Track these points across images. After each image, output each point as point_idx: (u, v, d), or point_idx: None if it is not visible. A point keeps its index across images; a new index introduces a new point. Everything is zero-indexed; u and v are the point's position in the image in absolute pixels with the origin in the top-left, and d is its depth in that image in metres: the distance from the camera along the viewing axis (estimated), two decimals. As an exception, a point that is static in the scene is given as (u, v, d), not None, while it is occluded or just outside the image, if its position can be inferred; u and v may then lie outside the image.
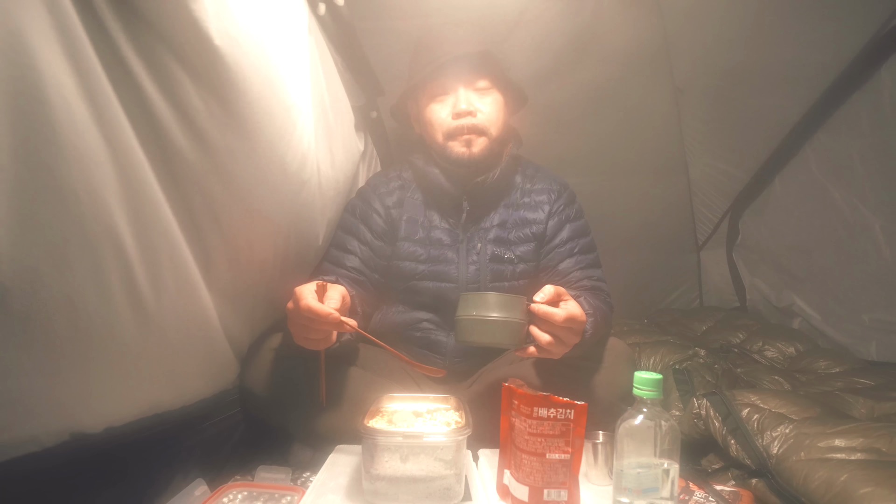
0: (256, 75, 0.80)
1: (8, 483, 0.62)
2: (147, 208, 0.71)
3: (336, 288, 0.94)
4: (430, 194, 1.25)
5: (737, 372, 1.45)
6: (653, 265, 2.37)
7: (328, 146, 1.12)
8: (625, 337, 1.54)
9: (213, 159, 0.79)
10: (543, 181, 1.30)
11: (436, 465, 0.79)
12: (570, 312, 0.90)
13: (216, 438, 1.01)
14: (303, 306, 0.86)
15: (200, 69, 0.71)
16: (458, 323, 0.94)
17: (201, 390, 0.95)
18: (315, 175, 1.04)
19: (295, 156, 0.95)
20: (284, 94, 0.90)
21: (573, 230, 1.25)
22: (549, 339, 0.91)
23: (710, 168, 2.14)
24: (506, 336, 0.91)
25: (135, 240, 0.69)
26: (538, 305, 0.90)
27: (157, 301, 0.75)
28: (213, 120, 0.76)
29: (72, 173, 0.60)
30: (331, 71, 1.19)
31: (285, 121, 0.90)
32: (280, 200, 0.96)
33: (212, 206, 0.83)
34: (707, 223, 2.31)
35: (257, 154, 0.86)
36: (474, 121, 1.18)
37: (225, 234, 0.87)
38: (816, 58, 1.54)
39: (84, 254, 0.63)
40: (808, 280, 1.82)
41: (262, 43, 0.82)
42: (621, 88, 1.91)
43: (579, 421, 0.75)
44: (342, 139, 1.23)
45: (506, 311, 0.91)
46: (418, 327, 1.22)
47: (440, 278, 1.20)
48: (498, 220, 1.24)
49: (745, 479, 0.98)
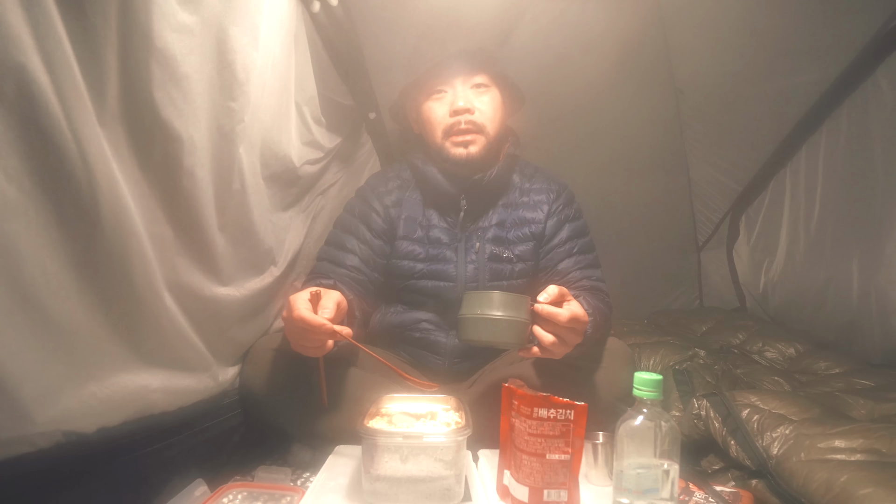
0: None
1: (1, 484, 0.62)
2: (117, 212, 0.71)
3: (330, 295, 0.93)
4: (428, 193, 1.25)
5: (737, 373, 1.45)
6: (653, 266, 2.36)
7: (283, 138, 1.12)
8: (625, 337, 1.54)
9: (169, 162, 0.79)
10: (542, 181, 1.30)
11: (436, 466, 0.79)
12: (573, 313, 0.90)
13: (216, 439, 1.01)
14: (295, 317, 0.85)
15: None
16: (462, 321, 0.94)
17: (193, 393, 0.94)
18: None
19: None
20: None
21: (572, 230, 1.26)
22: (553, 339, 0.90)
23: (710, 168, 2.13)
24: (509, 335, 0.91)
25: (105, 242, 0.69)
26: (542, 305, 0.90)
27: (130, 307, 0.75)
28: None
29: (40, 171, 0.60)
30: (316, 63, 1.18)
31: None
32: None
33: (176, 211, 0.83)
34: (707, 224, 2.31)
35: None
36: (472, 118, 1.18)
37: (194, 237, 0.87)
38: (817, 58, 1.53)
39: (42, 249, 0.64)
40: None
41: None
42: (621, 89, 1.91)
43: (579, 421, 0.75)
44: (313, 131, 1.22)
45: (510, 311, 0.90)
46: (417, 327, 1.22)
47: (439, 277, 1.21)
48: (496, 219, 1.24)
49: (745, 480, 0.98)
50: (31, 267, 0.62)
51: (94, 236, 0.68)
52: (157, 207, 0.80)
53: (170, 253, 0.83)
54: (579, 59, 1.76)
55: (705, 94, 1.90)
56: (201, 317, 0.92)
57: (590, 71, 1.81)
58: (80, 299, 0.68)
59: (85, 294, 0.69)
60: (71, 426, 0.69)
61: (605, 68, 1.82)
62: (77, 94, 0.62)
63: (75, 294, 0.68)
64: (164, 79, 0.74)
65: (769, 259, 1.98)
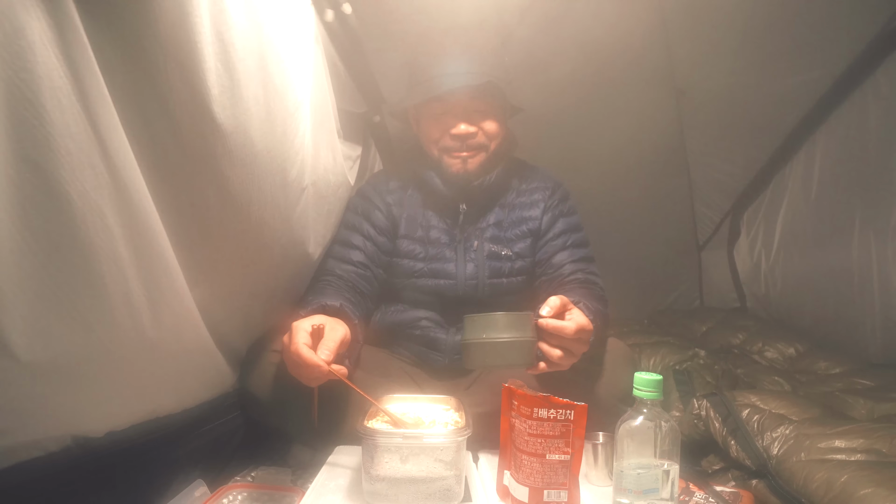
0: (254, 78, 0.79)
1: (12, 488, 0.62)
2: (140, 214, 0.70)
3: (335, 332, 0.88)
4: (427, 195, 1.26)
5: (737, 373, 1.45)
6: (653, 266, 2.36)
7: (330, 152, 1.12)
8: (625, 337, 1.54)
9: (209, 164, 0.77)
10: (538, 180, 1.30)
11: (436, 466, 0.79)
12: (579, 324, 0.89)
13: (217, 440, 1.01)
14: (293, 351, 0.83)
15: (193, 73, 0.70)
16: (467, 348, 0.91)
17: (199, 394, 0.95)
18: (312, 182, 1.02)
19: (294, 163, 0.93)
20: (286, 98, 0.88)
21: (566, 224, 1.26)
22: (560, 353, 0.89)
23: (710, 169, 2.13)
24: (516, 357, 0.89)
25: (127, 243, 0.69)
26: (547, 320, 0.88)
27: (150, 307, 0.74)
28: (210, 125, 0.74)
29: (64, 176, 0.59)
30: (334, 76, 1.18)
31: (286, 126, 0.89)
32: (277, 207, 0.94)
33: (205, 213, 0.81)
34: (708, 224, 2.31)
35: (256, 161, 0.84)
36: (474, 140, 1.18)
37: (216, 240, 0.85)
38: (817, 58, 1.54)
39: (78, 257, 0.63)
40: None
41: (262, 45, 0.81)
42: (622, 89, 1.91)
43: (579, 422, 0.75)
44: (342, 144, 1.23)
45: (515, 332, 0.88)
46: (418, 325, 1.23)
47: (439, 275, 1.21)
48: (494, 219, 1.25)
49: (745, 480, 0.98)
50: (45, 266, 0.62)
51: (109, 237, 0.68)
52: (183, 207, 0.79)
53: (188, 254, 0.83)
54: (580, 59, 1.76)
55: (706, 94, 1.90)
56: (218, 317, 0.92)
57: (591, 71, 1.81)
58: (98, 298, 0.68)
59: (103, 294, 0.69)
60: (81, 430, 0.70)
61: (606, 69, 1.82)
62: (102, 100, 0.62)
63: (89, 292, 0.67)
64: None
65: (769, 258, 1.98)
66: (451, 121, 1.18)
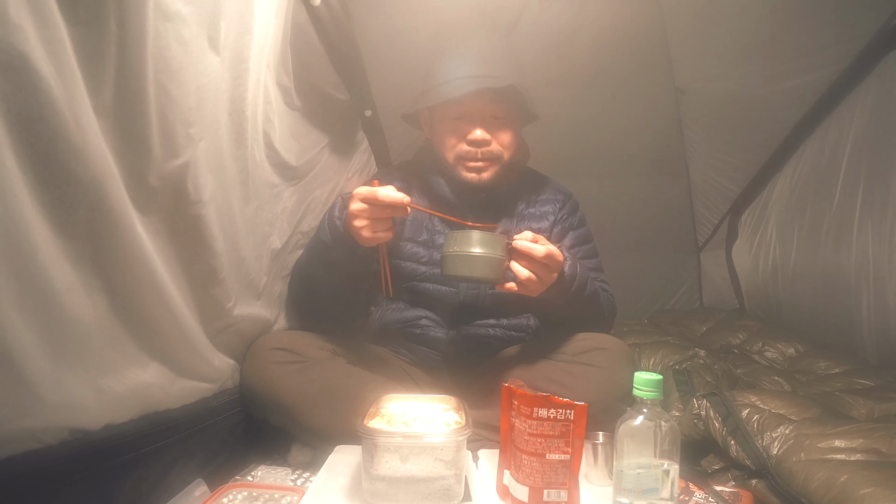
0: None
1: (8, 480, 0.62)
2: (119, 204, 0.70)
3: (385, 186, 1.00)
4: (433, 201, 1.25)
5: (737, 372, 1.45)
6: (653, 266, 2.37)
7: (290, 132, 1.13)
8: (625, 337, 1.54)
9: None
10: (549, 192, 1.31)
11: (436, 466, 0.79)
12: (549, 249, 0.98)
13: (216, 439, 1.01)
14: (382, 195, 0.96)
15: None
16: (444, 259, 1.02)
17: (197, 389, 0.94)
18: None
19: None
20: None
21: (576, 237, 1.28)
22: (529, 274, 0.98)
23: (710, 169, 2.14)
24: (486, 271, 0.99)
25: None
26: (520, 241, 0.99)
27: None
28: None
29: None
30: (307, 52, 1.17)
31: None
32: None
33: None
34: (707, 224, 2.31)
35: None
36: (489, 148, 1.18)
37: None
38: (816, 58, 1.54)
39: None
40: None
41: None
42: (622, 90, 1.91)
43: (579, 421, 0.75)
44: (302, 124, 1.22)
45: (487, 248, 0.99)
46: (417, 324, 1.23)
47: (441, 281, 1.21)
48: (502, 229, 1.24)
49: (745, 480, 0.97)
50: (43, 261, 0.62)
51: (97, 228, 0.68)
52: (157, 200, 0.79)
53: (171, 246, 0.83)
54: (579, 59, 1.76)
55: (706, 94, 1.90)
56: (206, 311, 0.92)
57: (590, 72, 1.81)
58: (89, 294, 0.69)
59: (94, 289, 0.69)
60: (78, 423, 0.69)
61: (605, 69, 1.82)
62: (76, 86, 0.62)
63: (84, 289, 0.68)
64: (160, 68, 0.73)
65: (767, 259, 1.98)
66: (467, 126, 1.17)
